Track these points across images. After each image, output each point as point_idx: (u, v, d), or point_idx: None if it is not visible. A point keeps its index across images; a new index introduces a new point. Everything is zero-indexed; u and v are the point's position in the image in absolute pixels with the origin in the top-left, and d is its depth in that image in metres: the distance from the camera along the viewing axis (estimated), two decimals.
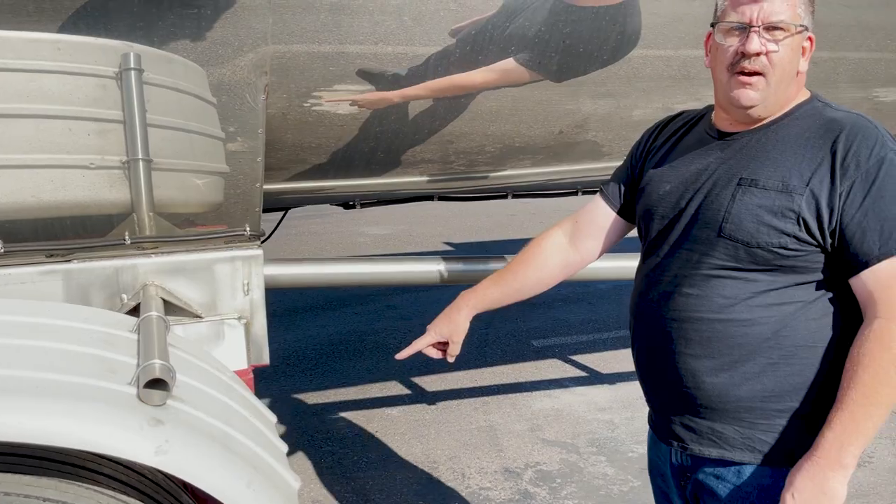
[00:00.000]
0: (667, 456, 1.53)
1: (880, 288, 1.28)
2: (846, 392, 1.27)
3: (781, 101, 1.38)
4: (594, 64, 2.19)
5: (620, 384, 4.40)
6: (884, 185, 1.27)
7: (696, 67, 2.32)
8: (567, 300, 6.08)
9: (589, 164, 2.71)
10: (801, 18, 1.34)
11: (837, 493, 1.26)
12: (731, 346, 1.37)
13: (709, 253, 1.38)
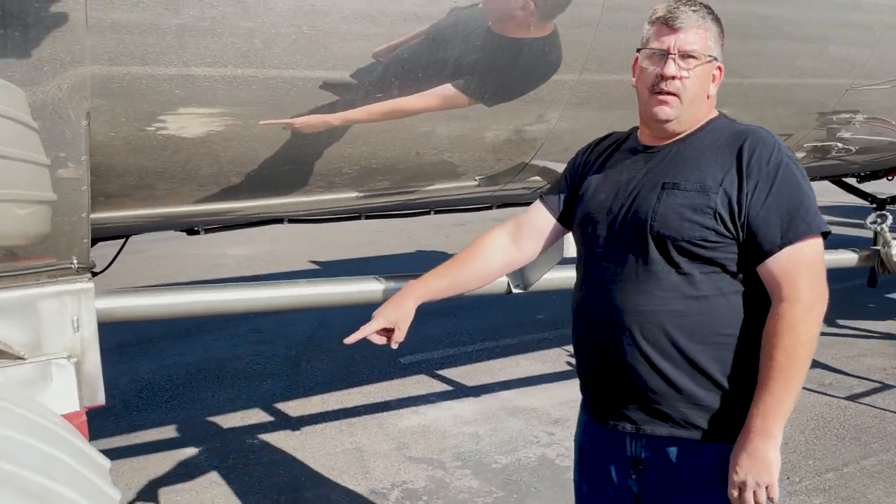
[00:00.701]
0: (619, 445, 1.65)
1: (783, 273, 1.48)
2: (765, 372, 1.48)
3: (693, 119, 1.61)
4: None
5: (485, 396, 4.49)
6: (781, 184, 1.50)
7: (543, 90, 2.42)
8: (433, 314, 6.13)
9: (445, 183, 2.75)
10: (711, 50, 1.57)
11: (771, 460, 1.47)
12: (670, 335, 1.54)
13: (642, 251, 1.56)
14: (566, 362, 5.08)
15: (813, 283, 1.49)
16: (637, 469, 1.64)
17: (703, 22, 1.57)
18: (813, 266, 1.50)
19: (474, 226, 10.06)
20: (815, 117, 3.15)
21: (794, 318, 1.46)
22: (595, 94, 2.57)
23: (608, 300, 1.59)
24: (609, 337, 1.59)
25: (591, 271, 1.66)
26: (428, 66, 2.09)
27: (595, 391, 1.69)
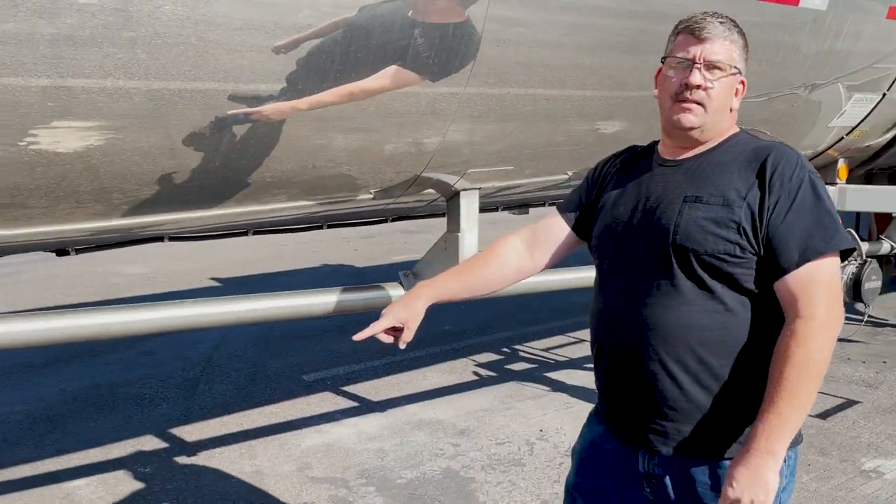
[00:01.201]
0: (632, 461, 1.62)
1: (799, 289, 1.46)
2: (773, 388, 1.44)
3: (717, 130, 1.59)
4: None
5: (391, 410, 4.44)
6: (803, 201, 1.49)
7: (442, 103, 2.42)
8: (339, 329, 6.03)
9: (341, 197, 2.70)
10: (736, 62, 1.56)
11: (770, 481, 1.41)
12: (694, 350, 1.51)
13: (664, 265, 1.54)
14: (473, 372, 5.10)
15: (829, 301, 1.48)
16: (651, 483, 1.61)
17: (729, 34, 1.56)
18: (830, 284, 1.49)
19: (383, 238, 10.03)
20: None
21: (808, 336, 1.44)
22: (493, 107, 2.60)
23: (629, 314, 1.58)
24: (630, 351, 1.57)
25: (611, 284, 1.65)
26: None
27: (612, 404, 1.66)
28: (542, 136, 2.89)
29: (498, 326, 6.19)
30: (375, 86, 2.21)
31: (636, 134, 3.15)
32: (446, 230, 2.70)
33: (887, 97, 3.77)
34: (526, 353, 5.52)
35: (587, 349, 5.50)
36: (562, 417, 4.31)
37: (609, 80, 2.79)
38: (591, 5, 2.47)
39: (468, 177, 2.70)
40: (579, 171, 3.28)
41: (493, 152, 2.82)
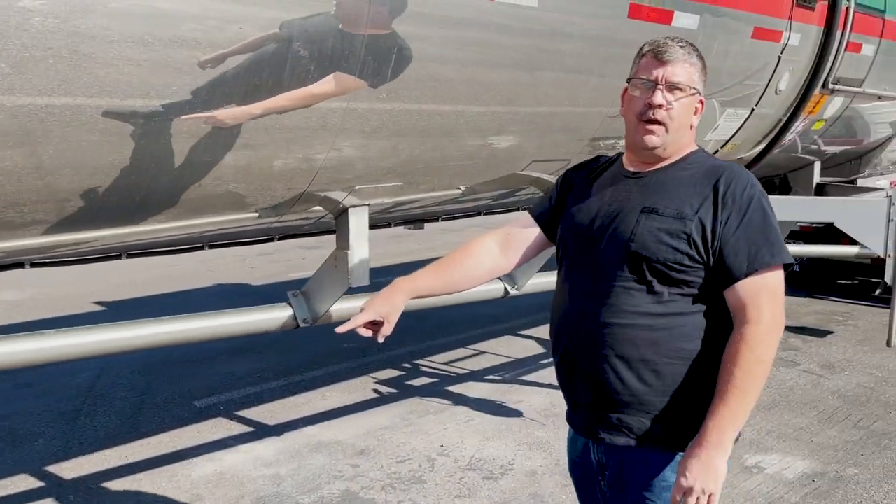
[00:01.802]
0: (588, 454, 1.78)
1: (747, 297, 1.61)
2: (722, 386, 1.59)
3: (678, 146, 1.73)
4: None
5: (288, 433, 4.31)
6: (752, 216, 1.63)
7: (333, 118, 2.38)
8: (234, 351, 5.82)
9: (232, 214, 2.61)
10: (696, 83, 1.69)
11: (720, 470, 1.57)
12: (636, 348, 1.65)
13: (618, 269, 1.67)
14: (373, 390, 5.04)
15: (774, 308, 1.62)
16: (603, 472, 1.76)
17: (689, 57, 1.69)
18: (775, 293, 1.63)
19: (280, 254, 9.77)
20: (585, 143, 3.40)
21: (755, 339, 1.59)
22: (386, 122, 2.58)
23: (582, 313, 1.72)
24: (581, 348, 1.72)
25: (570, 285, 1.78)
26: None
27: (568, 397, 1.81)
28: (436, 151, 2.90)
29: (398, 342, 6.15)
30: (271, 105, 2.16)
31: (529, 149, 3.22)
32: (336, 248, 2.65)
33: (756, 112, 4.03)
34: (427, 368, 5.51)
35: (488, 361, 5.59)
36: (462, 431, 4.32)
37: (502, 95, 2.84)
38: (486, 22, 2.51)
39: (357, 193, 2.67)
40: (472, 186, 3.31)
41: (386, 168, 2.80)
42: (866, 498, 3.54)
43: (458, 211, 4.03)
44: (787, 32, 3.77)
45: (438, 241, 11.28)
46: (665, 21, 3.07)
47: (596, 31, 2.88)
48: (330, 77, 2.21)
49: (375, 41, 2.25)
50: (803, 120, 4.42)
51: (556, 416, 4.51)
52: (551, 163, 3.46)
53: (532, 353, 5.84)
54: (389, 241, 11.09)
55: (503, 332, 6.40)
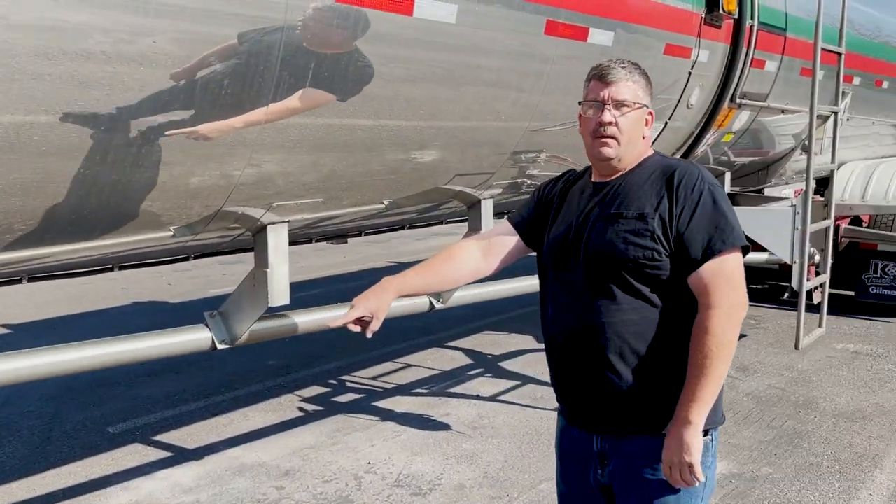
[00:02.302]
0: (586, 443, 1.90)
1: (705, 283, 1.74)
2: (690, 370, 1.74)
3: (632, 156, 1.87)
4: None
5: (209, 457, 4.17)
6: (703, 207, 1.77)
7: (252, 133, 2.33)
8: (150, 374, 5.60)
9: (145, 234, 2.51)
10: (641, 98, 1.84)
11: (693, 444, 1.72)
12: (626, 343, 1.79)
13: (597, 273, 1.81)
14: (298, 408, 4.94)
15: (731, 291, 1.75)
16: (603, 463, 1.89)
17: (630, 76, 1.84)
18: (731, 277, 1.76)
19: (200, 270, 9.47)
20: (507, 156, 3.44)
21: (714, 323, 1.72)
22: (307, 137, 2.54)
23: (572, 317, 1.86)
24: (574, 349, 1.85)
25: (555, 293, 1.93)
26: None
27: (566, 397, 1.94)
28: (359, 166, 2.87)
29: (325, 357, 6.05)
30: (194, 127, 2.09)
31: (453, 163, 3.24)
32: (255, 266, 2.58)
33: (669, 125, 4.17)
34: (354, 384, 5.44)
35: (415, 374, 5.57)
36: (390, 447, 4.28)
37: (425, 110, 2.84)
38: (406, 37, 2.51)
39: (276, 210, 2.61)
40: (396, 200, 3.30)
41: (308, 183, 2.76)
42: (780, 496, 3.69)
43: (382, 225, 4.00)
44: (697, 49, 3.92)
45: (362, 253, 11.20)
46: (581, 38, 3.14)
47: (514, 48, 2.92)
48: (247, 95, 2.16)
49: (294, 56, 2.21)
50: (714, 133, 4.60)
51: (484, 427, 4.53)
52: (475, 176, 3.48)
53: (460, 364, 5.86)
54: (313, 254, 10.95)
55: (432, 345, 6.39)
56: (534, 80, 3.10)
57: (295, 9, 2.12)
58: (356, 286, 8.46)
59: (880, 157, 7.58)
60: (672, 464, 1.76)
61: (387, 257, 11.07)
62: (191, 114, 2.11)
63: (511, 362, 5.88)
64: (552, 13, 2.96)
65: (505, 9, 2.76)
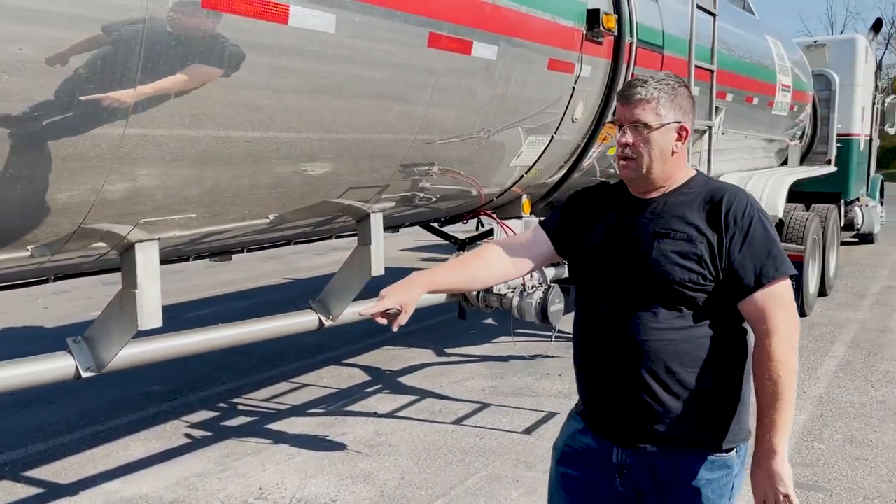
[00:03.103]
0: (608, 453, 1.90)
1: (761, 310, 1.77)
2: (760, 399, 1.77)
3: (664, 174, 1.86)
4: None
5: (85, 492, 3.89)
6: (754, 235, 1.79)
7: (128, 146, 2.20)
8: (18, 404, 5.20)
9: (4, 254, 2.32)
10: (663, 116, 1.81)
11: (783, 474, 1.73)
12: (662, 361, 1.79)
13: (638, 289, 1.81)
14: (185, 435, 4.70)
15: (786, 317, 1.78)
16: (622, 474, 1.89)
17: (651, 93, 1.81)
18: (784, 303, 1.79)
19: (80, 291, 8.90)
20: (398, 169, 3.41)
21: (776, 349, 1.74)
22: (188, 150, 2.43)
23: (608, 331, 1.85)
24: (610, 363, 1.85)
25: (592, 306, 1.91)
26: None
27: (594, 406, 1.94)
28: (245, 179, 2.77)
29: (214, 380, 5.81)
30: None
31: (345, 175, 3.17)
32: (122, 287, 2.42)
33: (555, 139, 4.26)
34: (245, 406, 5.24)
35: (310, 394, 5.43)
36: (283, 470, 4.13)
37: (314, 121, 2.77)
38: (284, 46, 2.43)
39: (145, 227, 2.47)
40: (283, 215, 3.20)
41: (189, 197, 2.64)
42: None
43: (270, 240, 3.88)
44: (579, 65, 4.03)
45: (257, 269, 10.90)
46: (465, 51, 3.16)
47: (398, 59, 2.90)
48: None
49: (159, 66, 2.10)
50: (599, 146, 4.74)
51: (381, 445, 4.46)
52: (368, 189, 3.43)
53: (358, 381, 5.76)
54: (204, 272, 10.55)
55: (329, 362, 6.26)
56: (419, 92, 3.09)
57: (159, 14, 2.02)
58: (249, 304, 8.32)
59: (753, 168, 8.06)
60: (767, 498, 1.75)
61: (284, 273, 10.81)
62: (48, 124, 1.96)
63: (410, 377, 5.84)
64: (435, 26, 2.96)
65: (386, 20, 2.74)
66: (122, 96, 2.05)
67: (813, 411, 4.93)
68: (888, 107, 13.22)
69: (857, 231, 11.86)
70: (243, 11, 2.19)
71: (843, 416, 4.83)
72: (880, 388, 5.41)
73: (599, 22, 3.99)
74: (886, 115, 13.18)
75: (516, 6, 3.44)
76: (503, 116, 3.67)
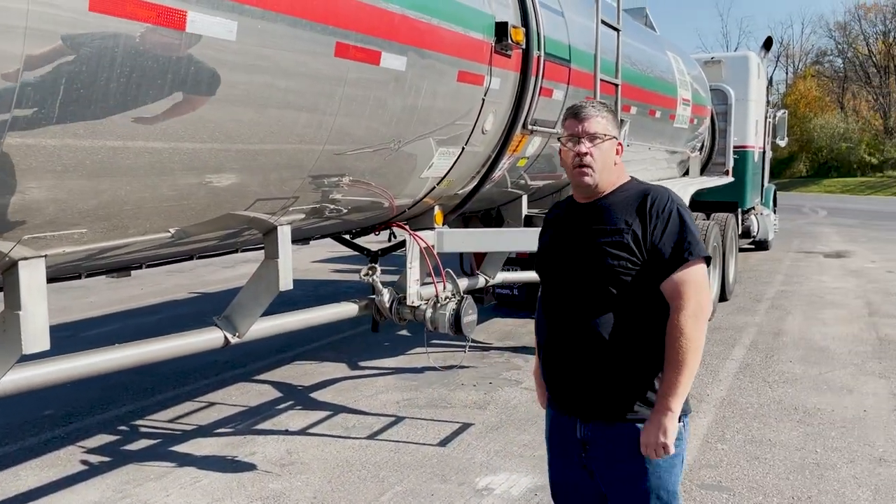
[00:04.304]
0: (572, 431, 2.21)
1: (674, 288, 2.07)
2: (666, 365, 2.07)
3: (609, 180, 2.19)
4: None
5: None
6: (672, 224, 2.10)
7: (15, 156, 2.05)
8: None
9: None
10: (610, 131, 2.17)
11: (667, 427, 2.05)
12: (607, 340, 2.10)
13: (582, 280, 2.14)
14: (81, 461, 4.43)
15: (697, 296, 2.06)
16: (584, 448, 2.19)
17: (599, 112, 2.17)
18: (696, 283, 2.07)
19: None
20: (307, 180, 3.34)
21: (683, 323, 2.04)
22: (83, 160, 2.29)
23: (559, 318, 2.19)
24: (561, 346, 2.19)
25: (547, 298, 2.26)
26: None
27: (553, 387, 2.26)
28: (147, 191, 2.64)
29: (115, 401, 5.53)
30: None
31: (252, 187, 3.07)
32: (4, 308, 2.25)
33: (466, 150, 4.28)
34: (148, 428, 5.00)
35: (218, 413, 5.24)
36: (188, 494, 3.95)
37: (220, 131, 2.67)
38: (199, 56, 2.34)
39: (29, 243, 2.31)
40: (186, 228, 3.07)
41: (85, 210, 2.50)
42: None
43: (173, 255, 3.72)
44: (489, 77, 4.06)
45: (163, 284, 10.50)
46: (373, 61, 3.12)
47: (304, 68, 2.84)
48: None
49: (46, 73, 1.97)
50: (509, 157, 4.80)
51: (293, 463, 4.34)
52: (277, 201, 3.34)
53: (269, 398, 5.60)
54: (105, 288, 10.07)
55: (238, 379, 6.07)
56: (328, 101, 3.03)
57: (42, 16, 1.89)
58: (153, 321, 7.99)
59: (657, 179, 8.36)
60: (649, 444, 2.06)
61: (190, 287, 10.45)
62: None
63: (322, 392, 5.73)
64: (342, 35, 2.92)
65: (290, 28, 2.67)
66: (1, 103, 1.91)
67: (716, 413, 5.12)
68: (779, 120, 14.01)
69: (754, 238, 12.51)
70: (136, 16, 2.08)
71: (743, 417, 5.04)
72: (777, 388, 5.69)
73: (508, 35, 4.03)
74: (777, 128, 13.97)
75: (425, 17, 3.43)
76: (414, 127, 3.66)
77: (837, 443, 4.55)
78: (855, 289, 9.86)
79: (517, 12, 4.36)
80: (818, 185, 41.37)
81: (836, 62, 55.84)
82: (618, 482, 2.17)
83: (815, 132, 45.12)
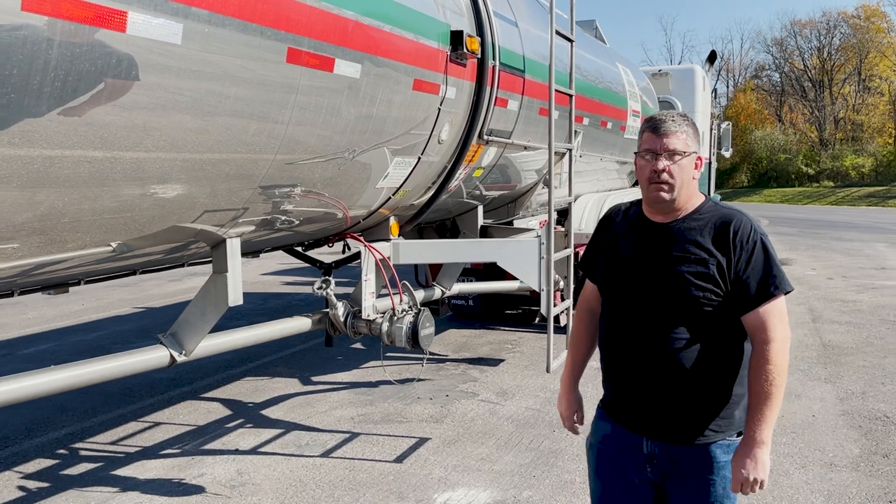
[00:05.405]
0: (638, 446, 2.22)
1: (761, 321, 2.07)
2: (754, 397, 2.07)
3: (686, 198, 2.15)
4: None
5: None
6: (758, 257, 2.09)
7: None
8: None
9: None
10: (690, 147, 2.13)
11: (765, 462, 2.07)
12: (684, 367, 2.11)
13: (662, 306, 2.12)
14: (18, 488, 4.19)
15: (782, 327, 2.08)
16: (652, 463, 2.20)
17: (679, 127, 2.12)
18: (780, 316, 2.09)
19: None
20: (258, 191, 3.22)
21: (770, 355, 2.05)
22: (17, 170, 2.15)
23: (634, 343, 2.17)
24: (635, 371, 2.18)
25: (618, 320, 2.23)
26: None
27: (623, 405, 2.25)
28: (86, 203, 2.50)
29: (53, 423, 5.27)
30: None
31: (200, 198, 2.94)
32: None
33: (422, 160, 4.20)
34: (89, 451, 4.77)
35: (164, 433, 5.03)
36: None
37: (165, 140, 2.54)
38: (141, 60, 2.21)
39: None
40: (127, 241, 2.92)
41: (19, 224, 2.34)
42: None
43: (115, 270, 3.55)
44: (445, 86, 4.00)
45: (104, 299, 10.13)
46: (327, 68, 3.03)
47: (254, 74, 2.72)
48: None
49: None
50: (465, 167, 4.74)
51: (244, 484, 4.18)
52: (226, 212, 3.21)
53: (218, 416, 5.41)
54: (44, 303, 9.67)
55: (185, 397, 5.86)
56: (279, 109, 2.92)
57: None
58: (95, 337, 7.69)
59: (609, 189, 8.43)
60: (744, 480, 2.05)
61: (134, 302, 10.11)
62: None
63: (274, 409, 5.56)
64: (294, 41, 2.81)
65: (239, 33, 2.56)
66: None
67: None
68: (723, 132, 14.35)
69: None
70: (72, 16, 1.95)
71: None
72: None
73: (463, 44, 3.99)
74: (722, 139, 14.31)
75: (381, 24, 3.36)
76: (369, 137, 3.57)
77: (789, 448, 4.60)
78: (797, 296, 10.10)
79: (472, 22, 4.32)
80: (759, 194, 42.65)
81: (773, 76, 57.76)
82: (684, 498, 2.20)
83: (756, 144, 46.58)
